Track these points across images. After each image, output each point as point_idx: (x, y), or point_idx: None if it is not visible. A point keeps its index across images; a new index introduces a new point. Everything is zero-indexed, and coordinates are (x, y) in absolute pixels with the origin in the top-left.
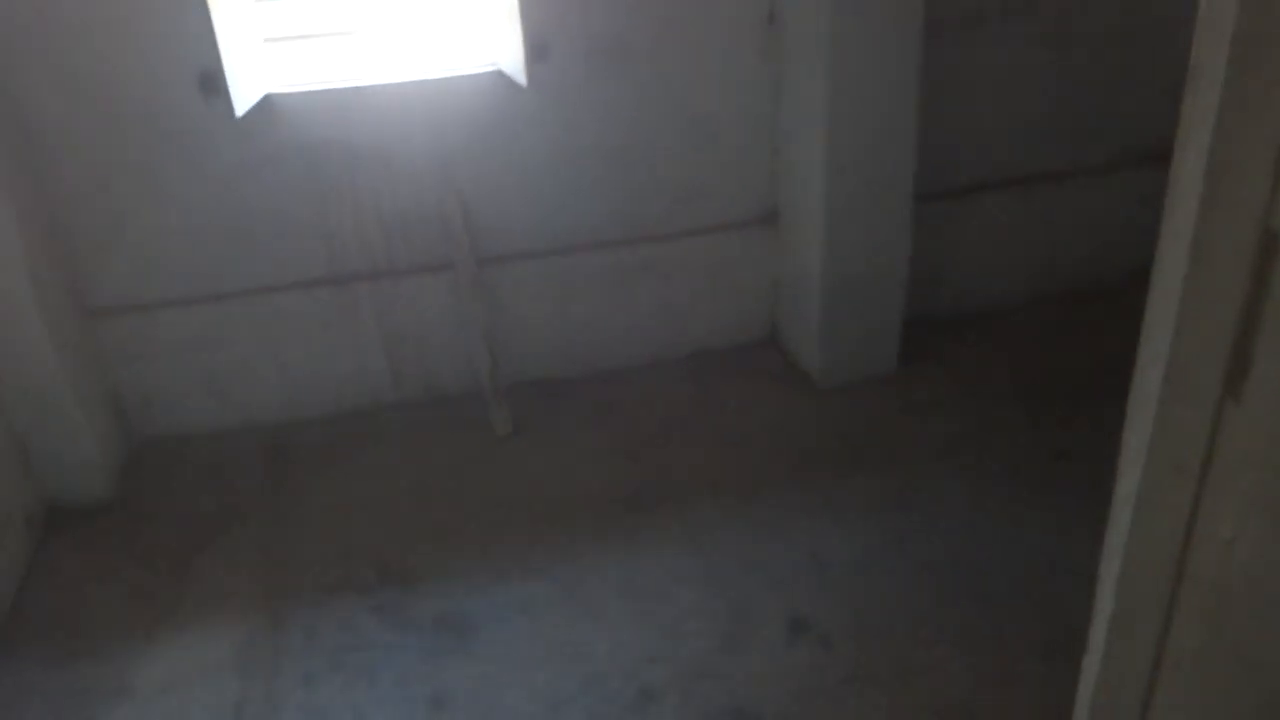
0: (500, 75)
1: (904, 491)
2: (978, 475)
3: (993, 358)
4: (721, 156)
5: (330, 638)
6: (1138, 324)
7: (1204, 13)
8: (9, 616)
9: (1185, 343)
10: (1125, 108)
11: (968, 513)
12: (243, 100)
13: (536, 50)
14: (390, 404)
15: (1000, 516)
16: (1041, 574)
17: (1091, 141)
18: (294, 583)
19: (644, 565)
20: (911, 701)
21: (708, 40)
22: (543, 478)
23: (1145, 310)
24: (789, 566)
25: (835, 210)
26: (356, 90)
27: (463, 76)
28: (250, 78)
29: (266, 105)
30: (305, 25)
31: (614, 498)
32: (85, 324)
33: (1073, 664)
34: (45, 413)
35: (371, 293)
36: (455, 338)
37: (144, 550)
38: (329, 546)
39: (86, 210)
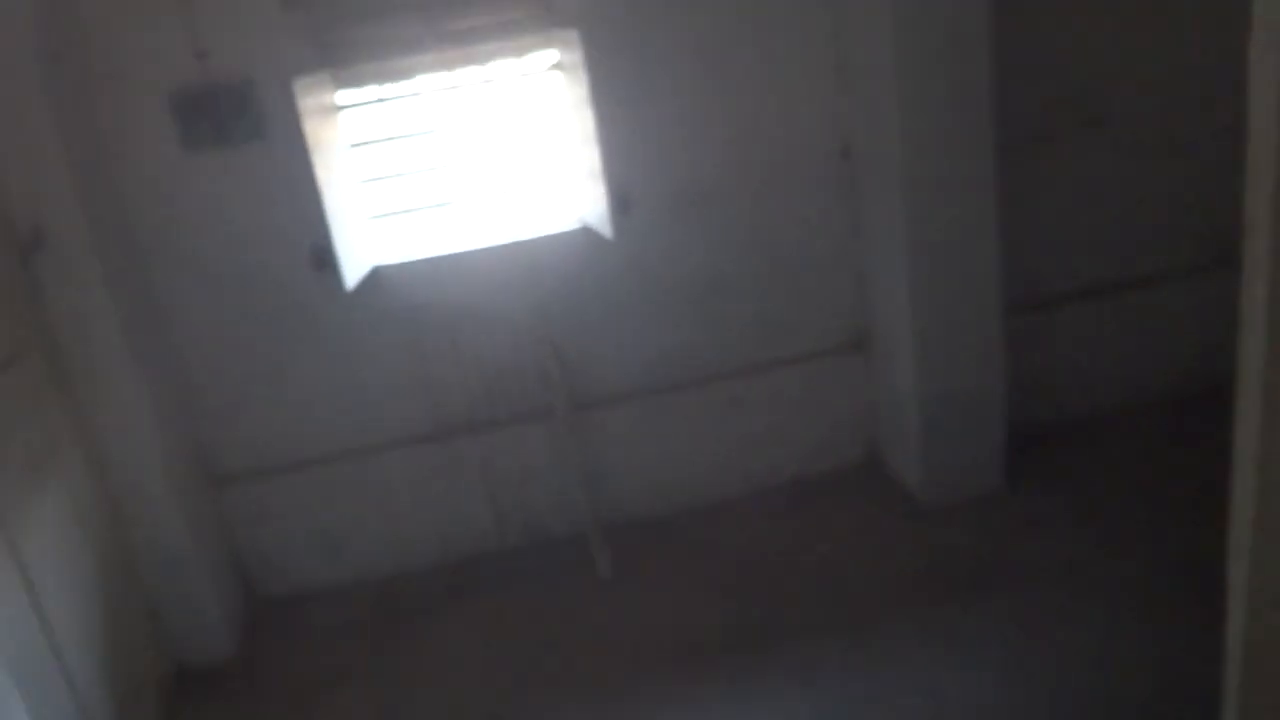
0: (587, 230)
1: (1024, 618)
2: (1102, 597)
3: (1103, 469)
4: (805, 288)
5: None
6: None
7: (1250, 173)
8: None
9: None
10: (1204, 211)
11: (1095, 639)
12: (352, 273)
13: (620, 203)
14: (495, 552)
15: (1131, 641)
16: (1172, 698)
17: (1179, 244)
18: None
19: (755, 708)
20: None
21: (784, 178)
22: (648, 620)
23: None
24: (906, 704)
25: (922, 331)
26: (454, 257)
27: (552, 235)
28: (358, 251)
29: (374, 276)
30: (407, 200)
31: (721, 638)
32: (210, 491)
33: None
34: (175, 579)
35: (474, 444)
36: (556, 483)
37: (265, 712)
38: (440, 702)
39: (210, 383)
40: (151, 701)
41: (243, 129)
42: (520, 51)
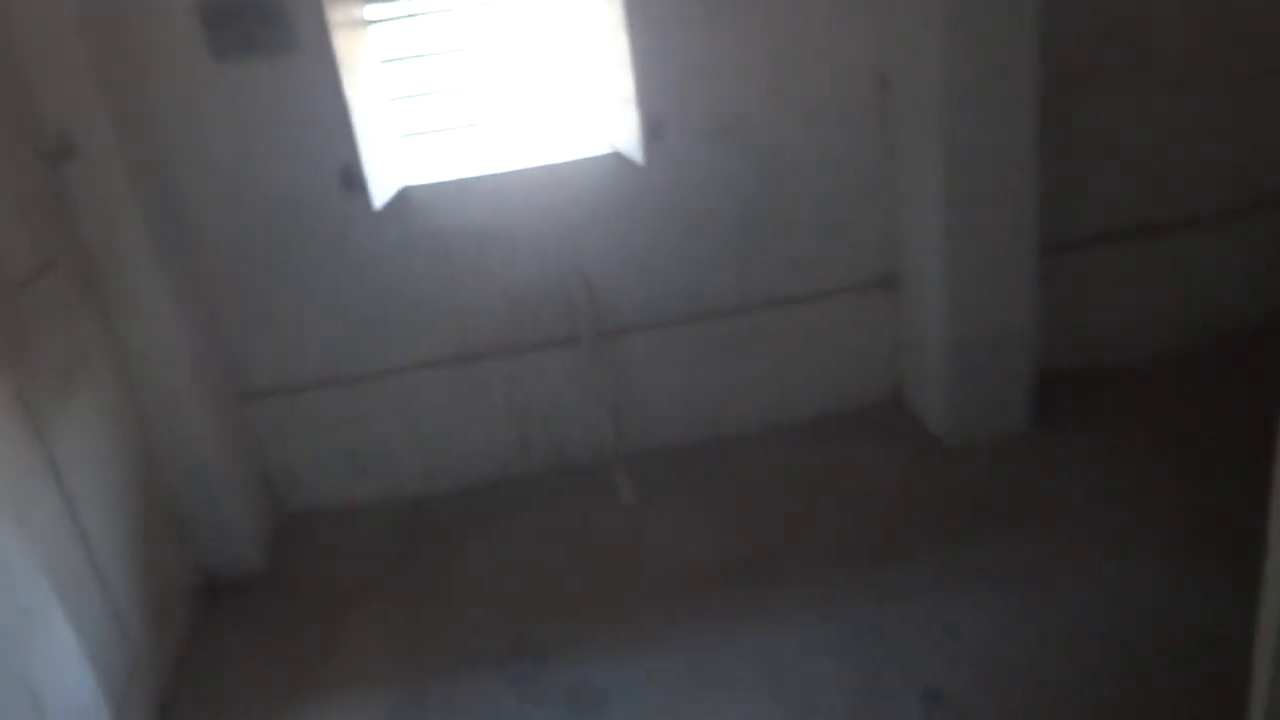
0: (618, 156)
1: (1043, 557)
2: (1122, 539)
3: (1131, 413)
4: (837, 222)
5: (468, 710)
6: None
7: None
8: (173, 682)
9: None
10: (1250, 153)
11: (1112, 580)
12: (380, 193)
13: (652, 129)
14: (520, 475)
15: (1147, 584)
16: (1194, 647)
17: (1218, 188)
18: (432, 654)
19: (774, 636)
20: None
21: (819, 109)
22: (670, 546)
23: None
24: (922, 637)
25: (956, 270)
26: (484, 179)
27: (583, 160)
28: (387, 171)
29: (402, 197)
30: (436, 120)
31: (742, 566)
32: (238, 407)
33: None
34: (205, 492)
35: (500, 368)
36: (581, 409)
37: (292, 622)
38: (464, 618)
39: (237, 301)
40: (181, 611)
41: (272, 39)
42: None
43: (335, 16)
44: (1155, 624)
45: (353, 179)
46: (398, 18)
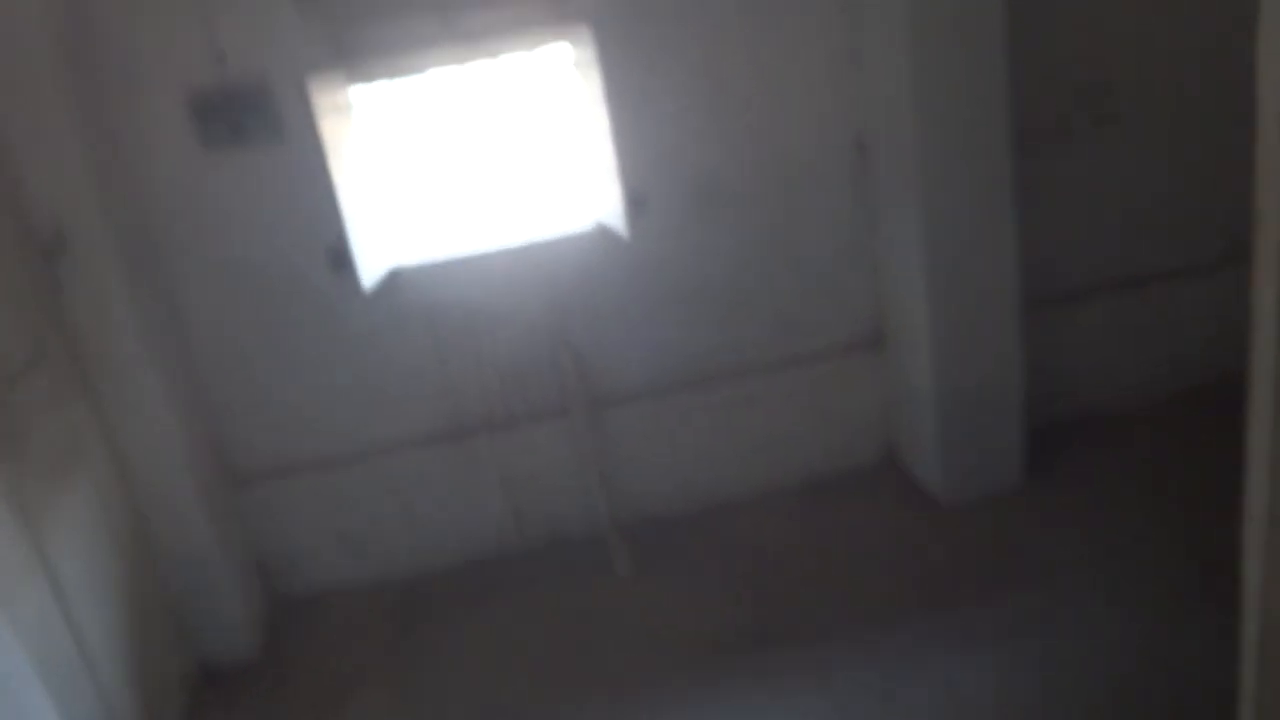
0: (603, 229)
1: (1042, 614)
2: (1121, 593)
3: (1122, 464)
4: (821, 285)
5: None
6: None
7: (1260, 167)
8: None
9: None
10: (1225, 204)
11: (1114, 635)
12: (369, 273)
13: (636, 203)
14: (515, 551)
15: (1150, 638)
16: (1191, 692)
17: (1196, 239)
18: None
19: (774, 706)
20: None
21: (799, 174)
22: (667, 617)
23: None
24: (925, 701)
25: (940, 328)
26: (471, 258)
27: (568, 235)
28: (375, 252)
29: (391, 276)
30: (423, 200)
31: (739, 636)
32: (231, 492)
33: None
34: (198, 578)
35: (492, 444)
36: (573, 481)
37: (288, 709)
38: (463, 701)
39: (229, 385)
40: (176, 701)
41: (259, 128)
42: (533, 46)
43: (321, 102)
44: (1159, 672)
45: (341, 260)
46: (382, 100)
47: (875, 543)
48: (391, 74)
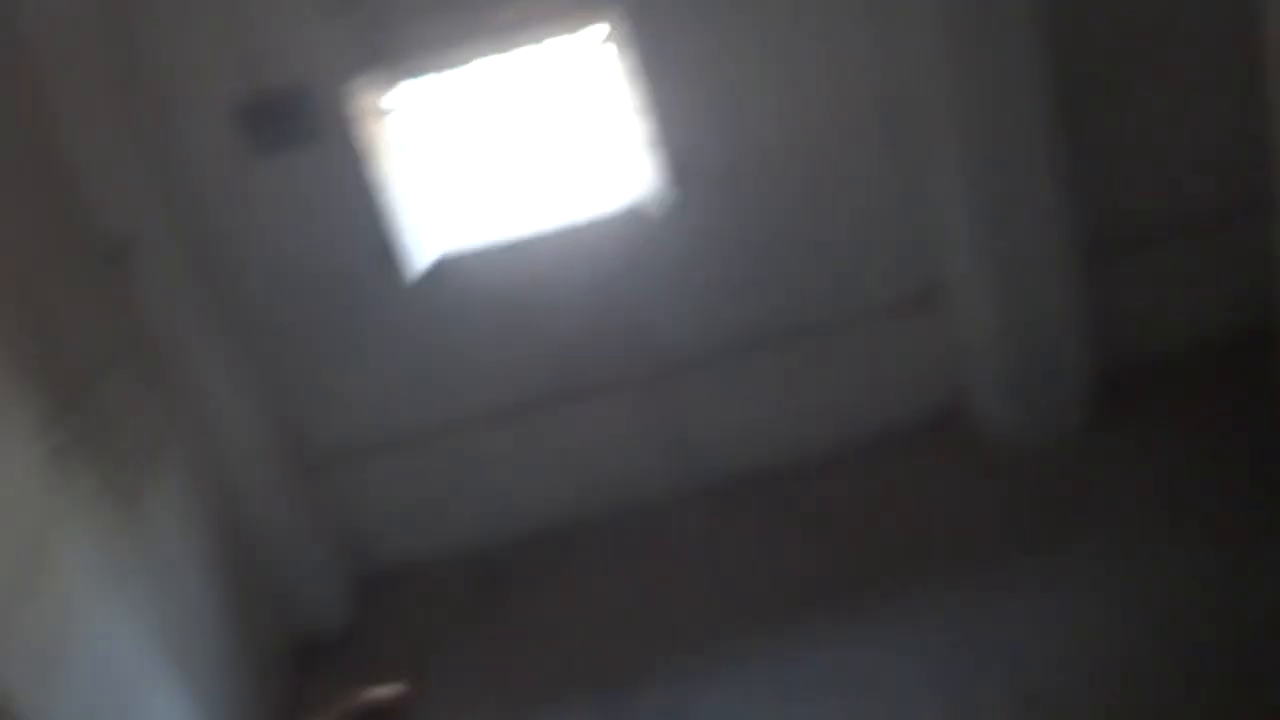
0: (645, 205)
1: (1120, 552)
2: (1196, 528)
3: (1186, 412)
4: (868, 244)
5: None
6: None
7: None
8: None
9: None
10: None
11: (1191, 568)
12: (417, 263)
13: (677, 175)
14: (586, 520)
15: (1228, 569)
16: (1270, 637)
17: (1256, 179)
18: (522, 693)
19: (858, 649)
20: None
21: (838, 137)
22: (743, 572)
23: None
24: (1009, 639)
25: (994, 280)
26: (518, 242)
27: (610, 214)
28: (422, 243)
29: (440, 265)
30: (468, 189)
31: (818, 585)
32: (310, 476)
33: None
34: (289, 556)
35: (555, 418)
36: (640, 451)
37: (383, 673)
38: (548, 658)
39: (299, 376)
40: (280, 670)
41: (303, 131)
42: (572, 28)
43: (361, 102)
44: (1242, 605)
45: (389, 253)
46: (422, 97)
47: (943, 492)
48: (430, 70)
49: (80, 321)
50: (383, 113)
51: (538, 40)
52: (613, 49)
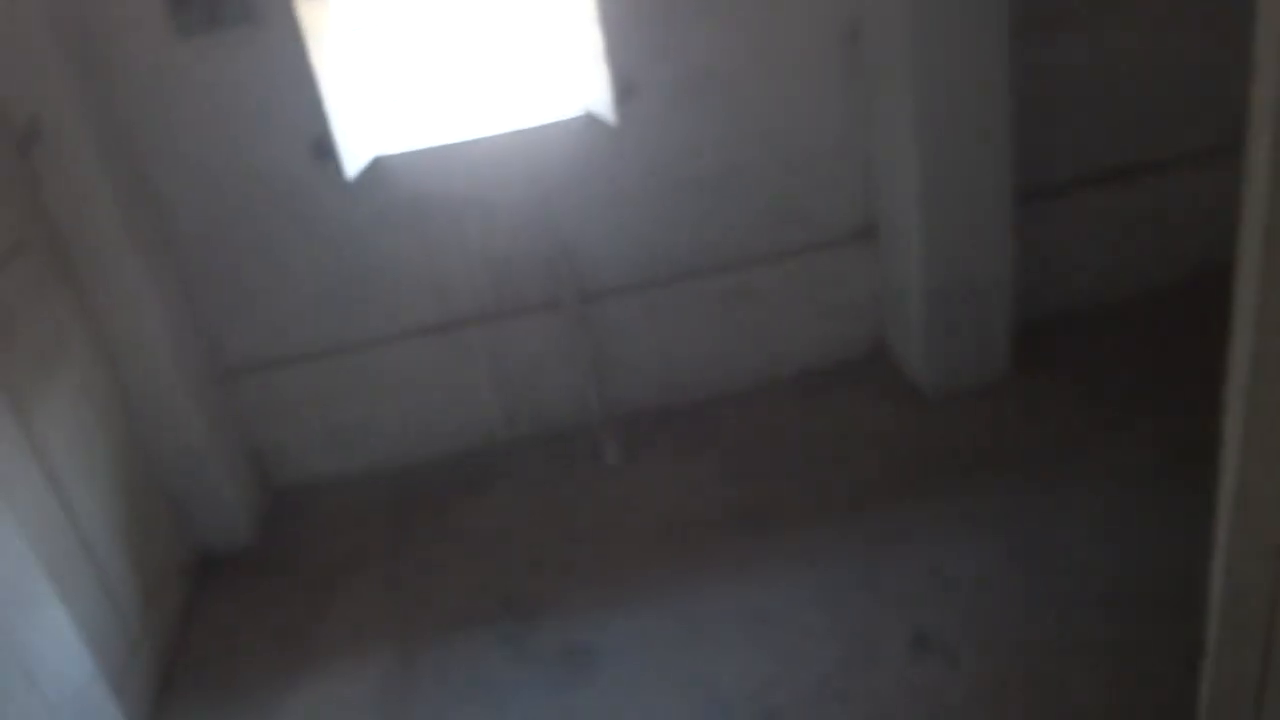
0: (591, 117)
1: (1025, 500)
2: (1102, 480)
3: (1109, 355)
4: (812, 176)
5: (459, 674)
6: None
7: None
8: (171, 661)
9: (1267, 337)
10: (1224, 92)
11: (1093, 519)
12: (353, 163)
13: (624, 89)
14: (504, 442)
15: (1128, 522)
16: (1174, 580)
17: (1192, 128)
18: (423, 621)
19: (761, 588)
20: (1045, 715)
21: (791, 64)
22: (656, 505)
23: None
24: (909, 582)
25: (933, 219)
26: (457, 146)
27: (555, 123)
28: (359, 141)
29: (375, 166)
30: (407, 86)
31: (728, 521)
32: (221, 385)
33: None
34: (191, 468)
35: (481, 336)
36: (563, 373)
37: (284, 595)
38: (454, 583)
39: (213, 278)
40: (176, 588)
41: (237, 12)
42: None
43: None
44: (1140, 563)
45: (324, 150)
46: None
47: (863, 432)
48: None
49: None
50: None
51: None
52: None
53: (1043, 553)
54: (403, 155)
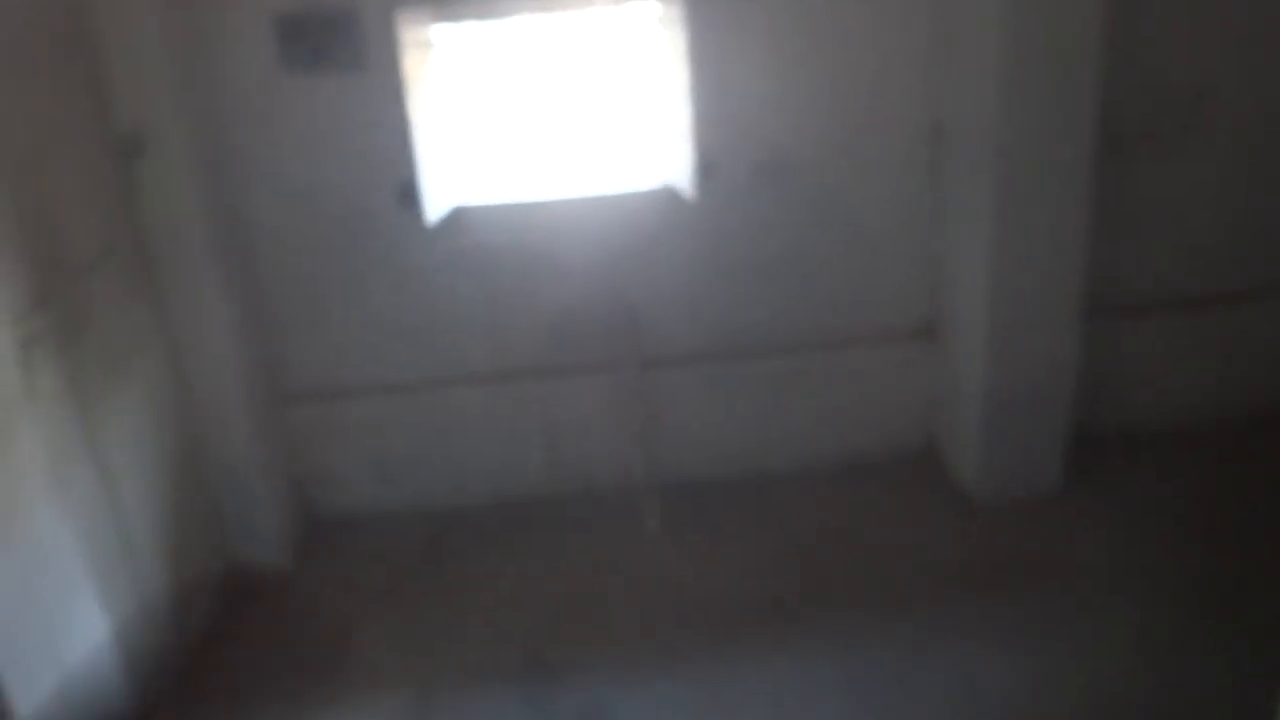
0: (670, 190)
1: (1066, 619)
2: (1147, 607)
3: (1164, 483)
4: (880, 268)
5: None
6: None
7: None
8: (192, 671)
9: None
10: None
11: (1135, 647)
12: (435, 210)
13: (706, 168)
14: (546, 496)
15: (1170, 653)
16: (1207, 713)
17: (1271, 263)
18: (445, 665)
19: (788, 674)
20: None
21: (870, 155)
22: (691, 578)
23: None
24: (939, 688)
25: (1000, 324)
26: (536, 205)
27: (634, 193)
28: (443, 189)
29: (455, 215)
30: (496, 143)
31: (761, 603)
32: (279, 406)
33: None
34: (237, 485)
35: (536, 390)
36: (612, 436)
37: (309, 622)
38: (480, 631)
39: (289, 305)
40: (206, 600)
41: (342, 56)
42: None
43: (405, 35)
44: (1174, 692)
45: (410, 195)
46: (465, 41)
47: (904, 531)
48: (478, 16)
49: (78, 213)
50: (426, 50)
51: (587, 5)
52: (660, 28)
53: (1078, 673)
54: (483, 208)
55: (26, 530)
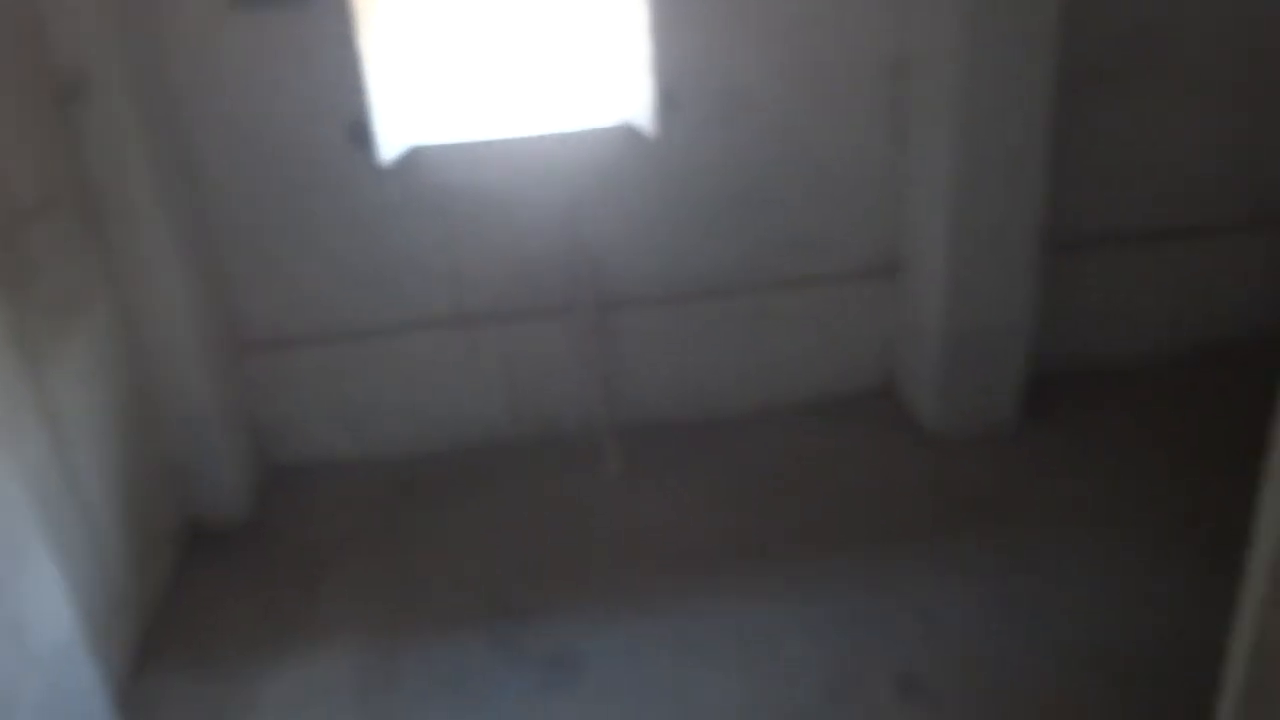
0: (629, 128)
1: (1023, 552)
2: (1103, 538)
3: (1120, 416)
4: (843, 206)
5: (443, 668)
6: (1273, 384)
7: None
8: (155, 627)
9: None
10: (1262, 166)
11: (1091, 577)
12: (388, 150)
13: (666, 102)
14: (508, 441)
15: (1126, 583)
16: (1168, 645)
17: (1226, 199)
18: (412, 611)
19: (753, 613)
20: None
21: (833, 91)
22: (654, 519)
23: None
24: (899, 622)
25: (959, 261)
26: (493, 143)
27: (593, 130)
28: (396, 129)
29: (410, 155)
30: (449, 79)
31: (724, 543)
32: (234, 356)
33: None
34: (194, 436)
35: (496, 333)
36: (574, 379)
37: (275, 571)
38: (447, 577)
39: (241, 251)
40: (166, 555)
41: None
42: None
43: None
44: (1133, 624)
45: (361, 134)
46: None
47: (864, 469)
48: None
49: (16, 161)
50: None
51: None
52: None
53: (1036, 606)
54: (438, 147)
55: None
